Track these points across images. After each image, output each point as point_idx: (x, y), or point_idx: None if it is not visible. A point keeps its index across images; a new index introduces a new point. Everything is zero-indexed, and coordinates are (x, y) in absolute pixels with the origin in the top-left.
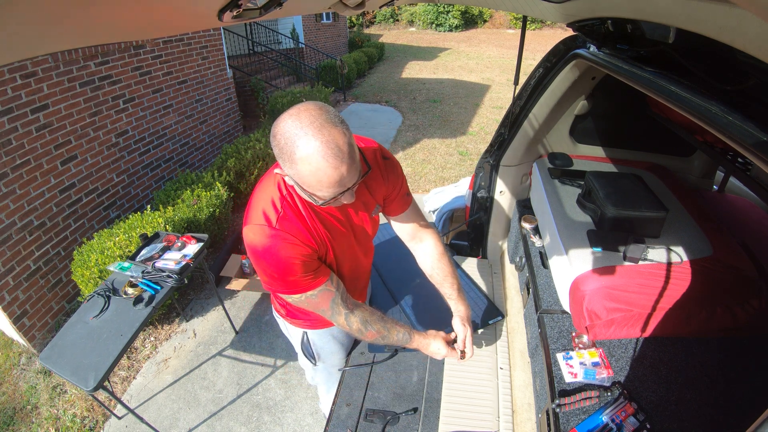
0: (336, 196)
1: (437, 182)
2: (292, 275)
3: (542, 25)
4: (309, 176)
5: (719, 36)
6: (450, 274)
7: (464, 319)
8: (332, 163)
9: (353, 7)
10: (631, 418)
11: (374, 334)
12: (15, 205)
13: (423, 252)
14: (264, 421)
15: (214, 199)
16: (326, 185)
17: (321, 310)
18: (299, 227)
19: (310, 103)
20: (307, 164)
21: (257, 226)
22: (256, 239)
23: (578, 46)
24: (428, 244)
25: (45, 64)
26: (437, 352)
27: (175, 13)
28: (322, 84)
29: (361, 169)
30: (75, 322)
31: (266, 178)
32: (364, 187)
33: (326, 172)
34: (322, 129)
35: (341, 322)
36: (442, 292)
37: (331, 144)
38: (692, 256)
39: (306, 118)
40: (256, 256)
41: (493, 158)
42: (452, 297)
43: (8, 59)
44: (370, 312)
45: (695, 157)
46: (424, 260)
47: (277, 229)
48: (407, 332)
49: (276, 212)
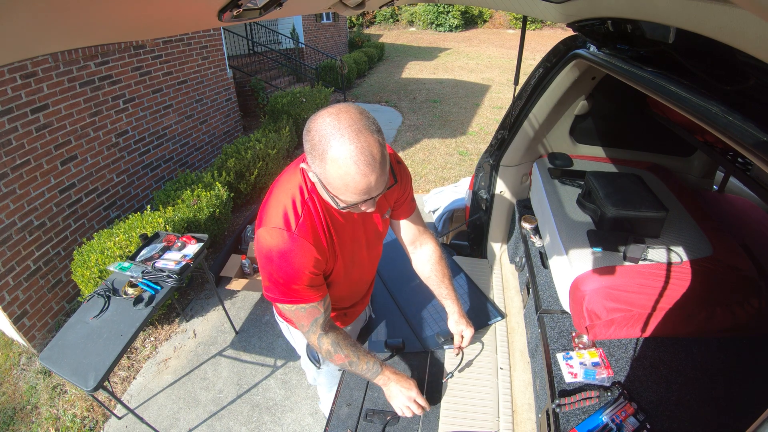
0: (358, 203)
1: (437, 182)
2: (297, 284)
3: (542, 25)
4: (336, 179)
5: (719, 36)
6: (447, 277)
7: (461, 316)
8: (363, 170)
9: (353, 7)
10: (631, 418)
11: (342, 358)
12: (15, 205)
13: (422, 256)
14: (264, 421)
15: (214, 199)
16: (352, 191)
17: (300, 324)
18: (317, 233)
19: (351, 106)
20: (337, 166)
21: (276, 229)
22: (273, 242)
23: (578, 46)
24: (428, 249)
25: (45, 64)
26: (393, 399)
27: (175, 13)
28: (322, 84)
29: (388, 182)
30: (75, 322)
31: (287, 174)
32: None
33: (355, 178)
34: (360, 134)
35: (313, 341)
36: (437, 293)
37: (366, 151)
38: (692, 256)
39: (345, 119)
40: (269, 259)
41: (493, 158)
42: (448, 297)
43: (8, 59)
44: (344, 336)
45: (695, 157)
46: (422, 265)
47: (296, 234)
48: (378, 364)
49: (297, 216)
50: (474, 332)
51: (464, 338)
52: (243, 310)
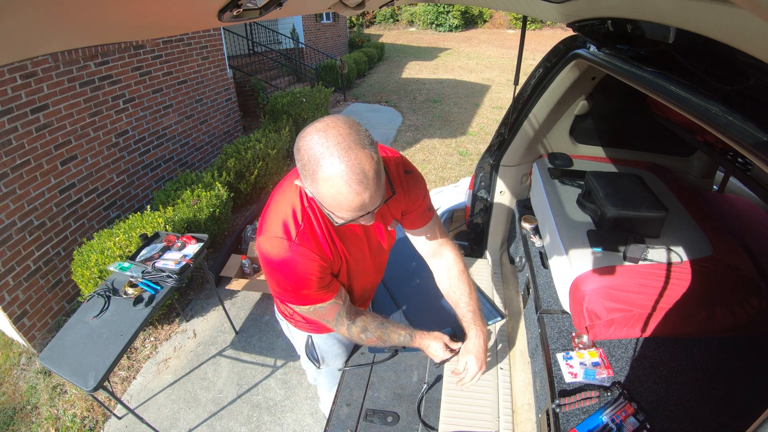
0: (354, 219)
1: (437, 182)
2: (306, 289)
3: (542, 25)
4: (329, 198)
5: (719, 36)
6: (467, 294)
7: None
8: (355, 189)
9: (353, 7)
10: (631, 418)
11: (374, 340)
12: (15, 205)
13: (442, 269)
14: (264, 421)
15: (214, 199)
16: (346, 209)
17: (326, 320)
18: (319, 241)
19: (339, 119)
20: (329, 186)
21: (276, 238)
22: (274, 252)
23: (578, 46)
24: (448, 262)
25: (45, 64)
26: (435, 354)
27: (175, 13)
28: (322, 84)
29: (384, 194)
30: (75, 322)
31: (287, 182)
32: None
33: (347, 197)
34: (349, 151)
35: (342, 331)
36: (458, 312)
37: (357, 169)
38: (692, 256)
39: (333, 136)
40: (272, 268)
41: (493, 158)
42: (467, 319)
43: (8, 59)
44: (371, 318)
45: (695, 157)
46: (441, 278)
47: (296, 243)
48: (408, 333)
49: (296, 225)
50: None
51: (468, 372)
52: (243, 310)
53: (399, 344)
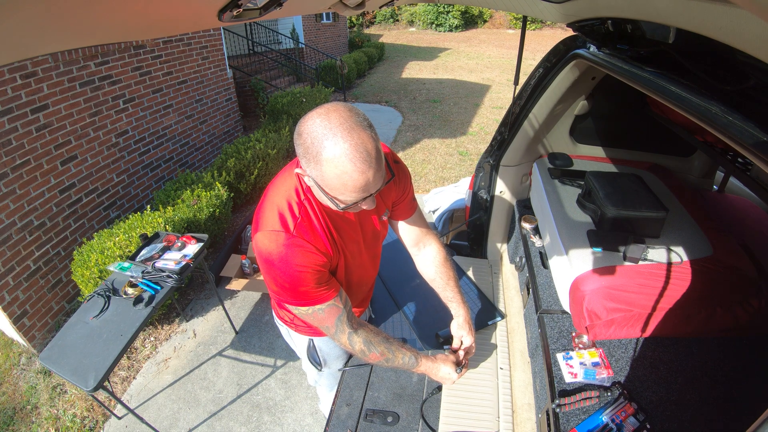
0: (358, 201)
1: (437, 182)
2: (304, 286)
3: (542, 25)
4: (334, 179)
5: (719, 36)
6: (452, 279)
7: (466, 322)
8: (360, 167)
9: (353, 7)
10: (631, 418)
11: (378, 356)
12: (15, 205)
13: (426, 258)
14: (264, 421)
15: (214, 199)
16: (351, 189)
17: (325, 326)
18: (317, 233)
19: (339, 104)
20: (333, 166)
21: (273, 232)
22: (271, 246)
23: (578, 46)
24: (431, 250)
25: (45, 64)
26: (448, 377)
27: (175, 13)
28: (322, 84)
29: (385, 176)
30: (75, 322)
31: (281, 178)
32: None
33: (352, 176)
34: (352, 131)
35: (344, 342)
36: (443, 296)
37: (360, 148)
38: (692, 256)
39: (336, 118)
40: (269, 264)
41: (493, 158)
42: (454, 300)
43: (8, 59)
44: (374, 332)
45: (695, 157)
46: (426, 266)
47: (294, 235)
48: (414, 355)
49: (294, 218)
50: (474, 340)
51: (463, 344)
52: (243, 310)
53: (403, 366)
